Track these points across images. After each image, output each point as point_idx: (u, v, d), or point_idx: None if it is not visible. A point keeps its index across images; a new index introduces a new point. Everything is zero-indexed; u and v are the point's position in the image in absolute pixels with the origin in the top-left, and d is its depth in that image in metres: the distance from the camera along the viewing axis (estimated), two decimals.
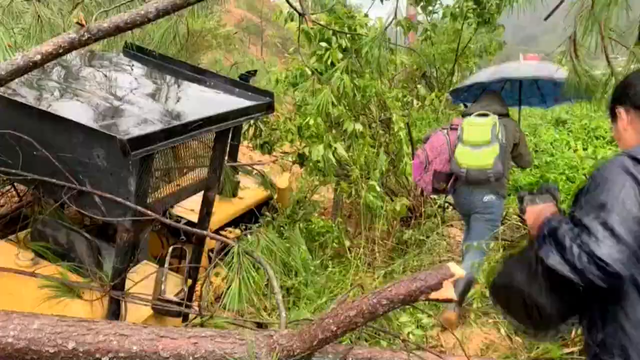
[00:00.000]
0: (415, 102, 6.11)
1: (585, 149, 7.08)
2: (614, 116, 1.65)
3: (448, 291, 1.56)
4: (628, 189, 1.33)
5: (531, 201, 1.64)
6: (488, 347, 3.21)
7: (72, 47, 1.80)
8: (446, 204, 5.17)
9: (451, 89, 5.17)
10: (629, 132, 1.58)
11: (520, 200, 1.69)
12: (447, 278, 1.58)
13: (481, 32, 7.03)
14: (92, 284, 2.26)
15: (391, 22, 3.51)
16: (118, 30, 1.82)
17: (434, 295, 1.61)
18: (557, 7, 2.46)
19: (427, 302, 1.82)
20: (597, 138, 7.53)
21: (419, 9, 7.24)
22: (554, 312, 1.52)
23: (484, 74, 4.33)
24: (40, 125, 2.15)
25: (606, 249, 1.27)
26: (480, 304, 3.48)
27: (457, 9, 6.69)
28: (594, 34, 2.29)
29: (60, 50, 1.79)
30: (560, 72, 4.61)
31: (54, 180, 2.16)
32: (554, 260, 1.36)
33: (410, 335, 3.20)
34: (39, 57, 1.77)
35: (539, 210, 1.58)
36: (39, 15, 2.56)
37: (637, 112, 1.55)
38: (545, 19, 2.54)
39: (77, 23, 1.76)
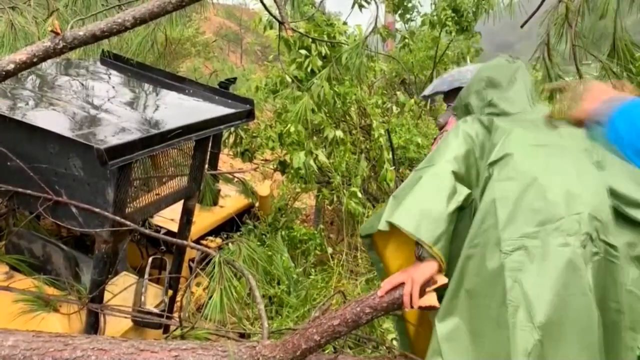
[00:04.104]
0: (394, 108, 6.15)
1: None
2: None
3: (430, 298, 1.55)
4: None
5: None
6: None
7: (46, 55, 1.76)
8: None
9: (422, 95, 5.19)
10: None
11: None
12: (430, 285, 1.57)
13: (458, 39, 7.14)
14: (69, 297, 2.21)
15: (372, 31, 3.53)
16: (94, 38, 1.79)
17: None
18: (532, 14, 2.51)
19: None
20: None
21: (397, 16, 7.34)
22: None
23: (442, 83, 4.41)
24: (14, 135, 2.10)
25: None
26: None
27: (435, 17, 6.79)
28: (567, 40, 2.34)
29: (35, 59, 1.75)
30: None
31: (28, 191, 2.10)
32: None
33: (395, 342, 3.20)
34: (12, 65, 1.73)
35: None
36: (12, 23, 2.51)
37: None
38: (522, 26, 2.59)
39: (52, 31, 1.73)
